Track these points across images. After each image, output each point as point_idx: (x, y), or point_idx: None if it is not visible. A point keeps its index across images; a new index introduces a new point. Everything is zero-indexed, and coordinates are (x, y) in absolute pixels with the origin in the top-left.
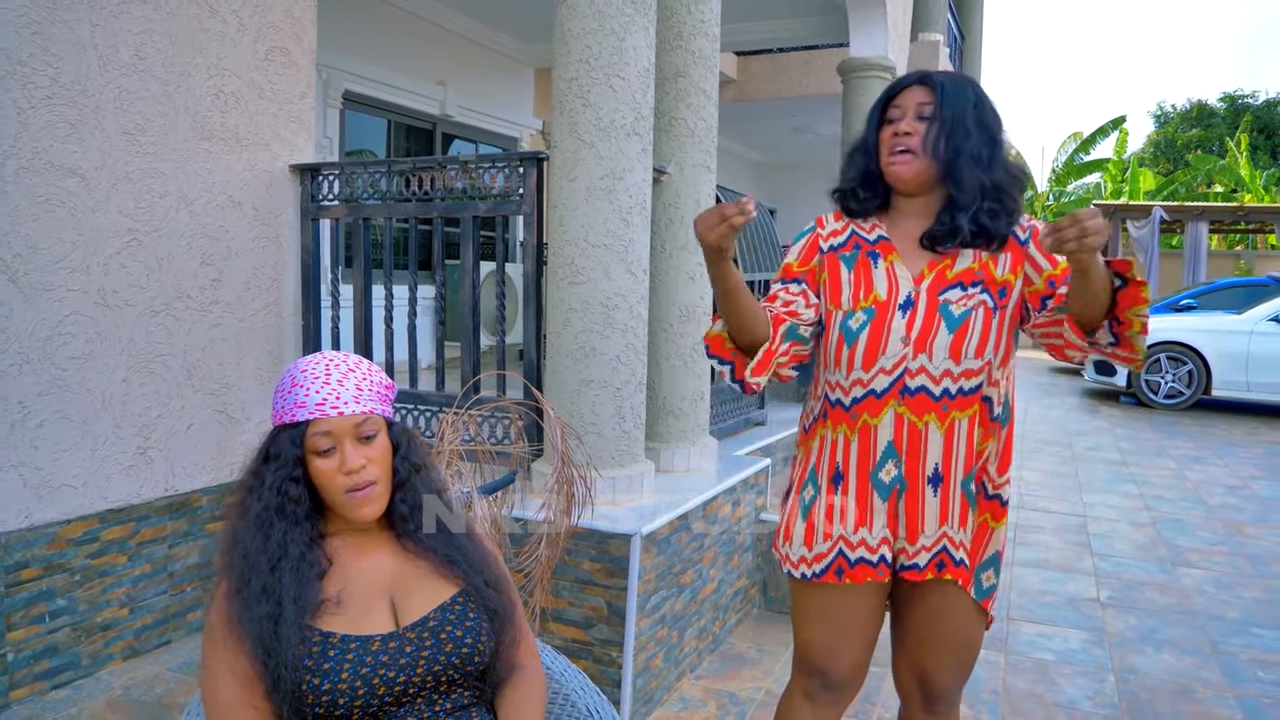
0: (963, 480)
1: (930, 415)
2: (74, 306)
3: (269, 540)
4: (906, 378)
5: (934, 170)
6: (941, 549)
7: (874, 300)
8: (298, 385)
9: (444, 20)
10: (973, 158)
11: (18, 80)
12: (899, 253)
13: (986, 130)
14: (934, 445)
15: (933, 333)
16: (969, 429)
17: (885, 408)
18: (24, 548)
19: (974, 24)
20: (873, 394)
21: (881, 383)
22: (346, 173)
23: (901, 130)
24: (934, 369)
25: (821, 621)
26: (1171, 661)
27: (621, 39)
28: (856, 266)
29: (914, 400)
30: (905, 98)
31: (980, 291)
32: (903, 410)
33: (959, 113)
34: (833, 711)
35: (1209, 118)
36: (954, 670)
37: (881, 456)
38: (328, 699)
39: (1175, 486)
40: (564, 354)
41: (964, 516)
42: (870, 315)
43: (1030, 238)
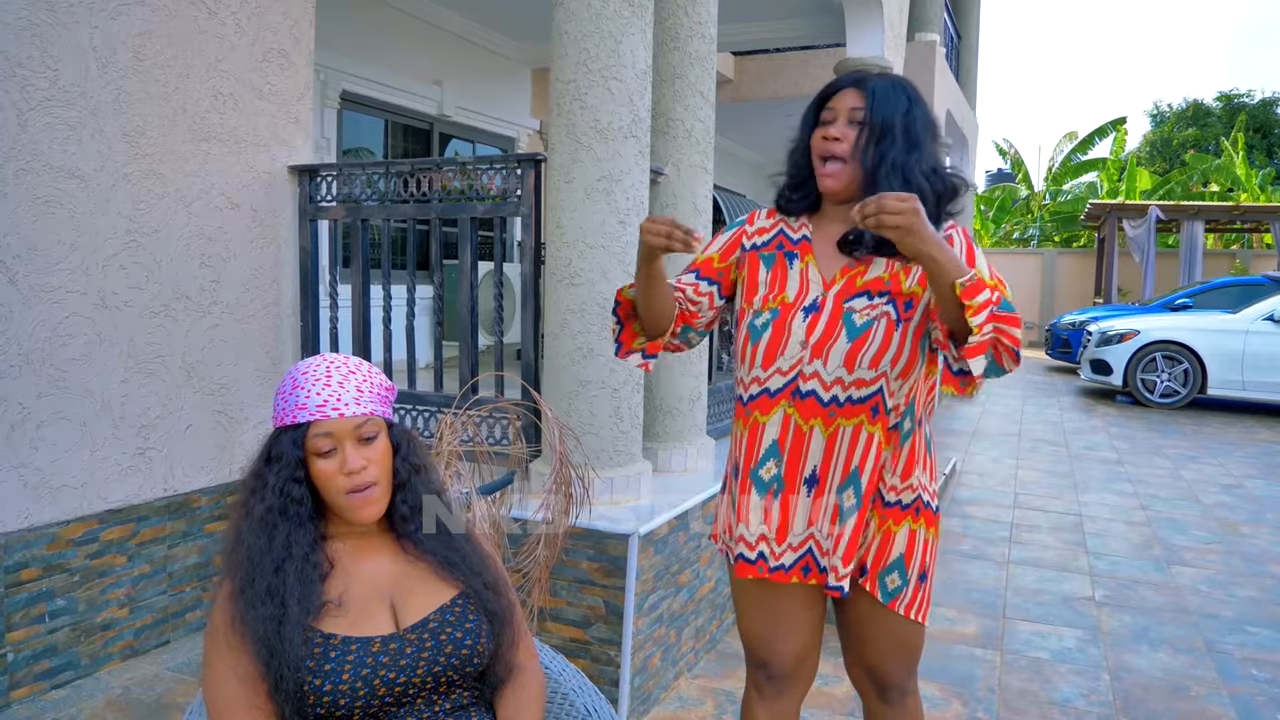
0: (839, 486)
1: (816, 420)
2: (73, 308)
3: (273, 541)
4: (800, 380)
5: (860, 176)
6: (807, 551)
7: (780, 301)
8: (299, 387)
9: (441, 20)
10: (892, 166)
11: (17, 82)
12: (815, 255)
13: (911, 138)
14: (815, 449)
15: (832, 339)
16: (853, 436)
17: (776, 407)
18: (24, 548)
19: (970, 24)
20: (766, 392)
21: (776, 382)
22: (345, 174)
23: (831, 135)
24: (826, 375)
25: (753, 613)
26: (1166, 660)
27: (618, 41)
28: (774, 267)
29: (803, 403)
30: (839, 100)
31: (885, 302)
32: (791, 411)
33: (888, 119)
34: (782, 703)
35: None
36: (896, 662)
37: (764, 454)
38: (329, 699)
39: (1170, 485)
40: (562, 355)
41: (833, 526)
42: (774, 315)
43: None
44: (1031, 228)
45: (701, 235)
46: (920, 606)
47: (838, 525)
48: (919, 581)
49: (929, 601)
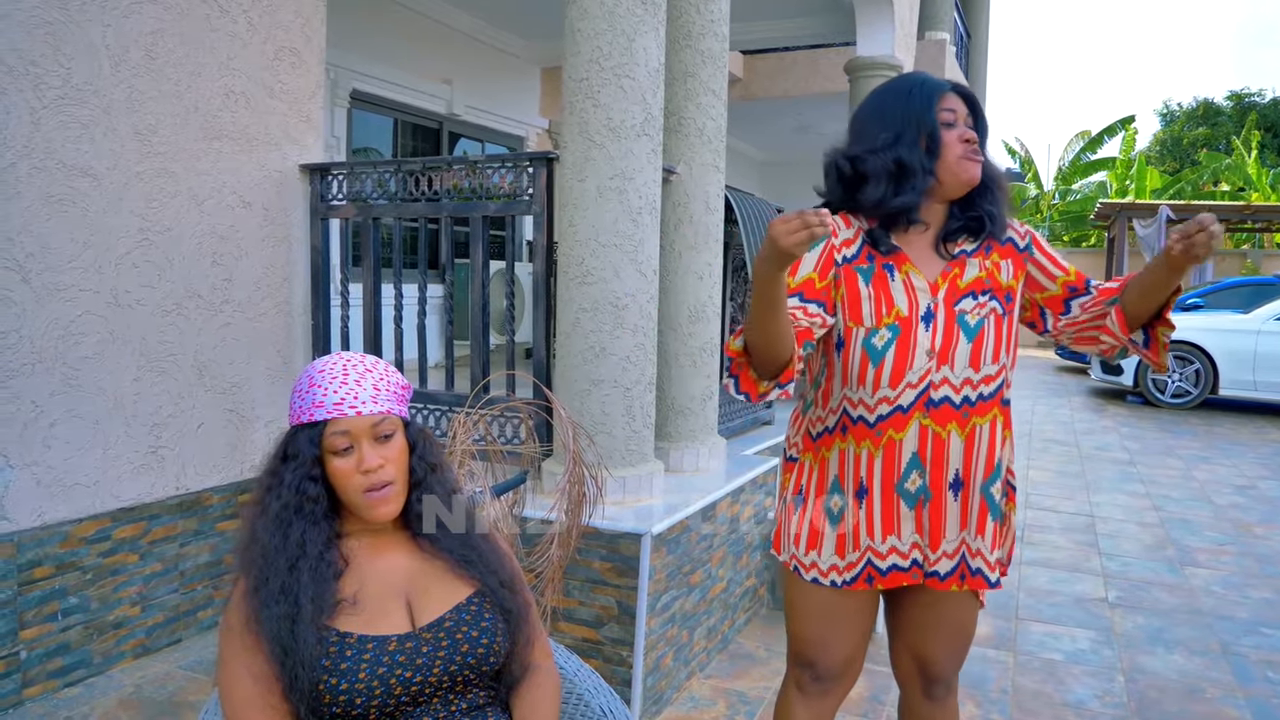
0: (982, 484)
1: (952, 424)
2: (86, 306)
3: (288, 539)
4: (931, 390)
5: None
6: (961, 558)
7: (897, 315)
8: (315, 385)
9: (451, 19)
10: (990, 159)
11: (30, 81)
12: (913, 262)
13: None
14: (955, 452)
15: (953, 344)
16: (989, 433)
17: (910, 421)
18: (36, 546)
19: (980, 23)
20: (899, 409)
21: (908, 397)
22: (356, 173)
23: (971, 136)
24: (955, 379)
25: (817, 618)
26: (1180, 662)
27: (631, 39)
28: (874, 280)
29: (938, 411)
30: (955, 103)
31: (990, 299)
32: (927, 422)
33: (985, 118)
34: (823, 703)
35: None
36: (951, 654)
37: (906, 468)
38: (345, 699)
39: (1182, 486)
40: (574, 354)
41: (982, 522)
42: (895, 332)
43: (1031, 244)
44: (1041, 227)
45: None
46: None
47: (990, 521)
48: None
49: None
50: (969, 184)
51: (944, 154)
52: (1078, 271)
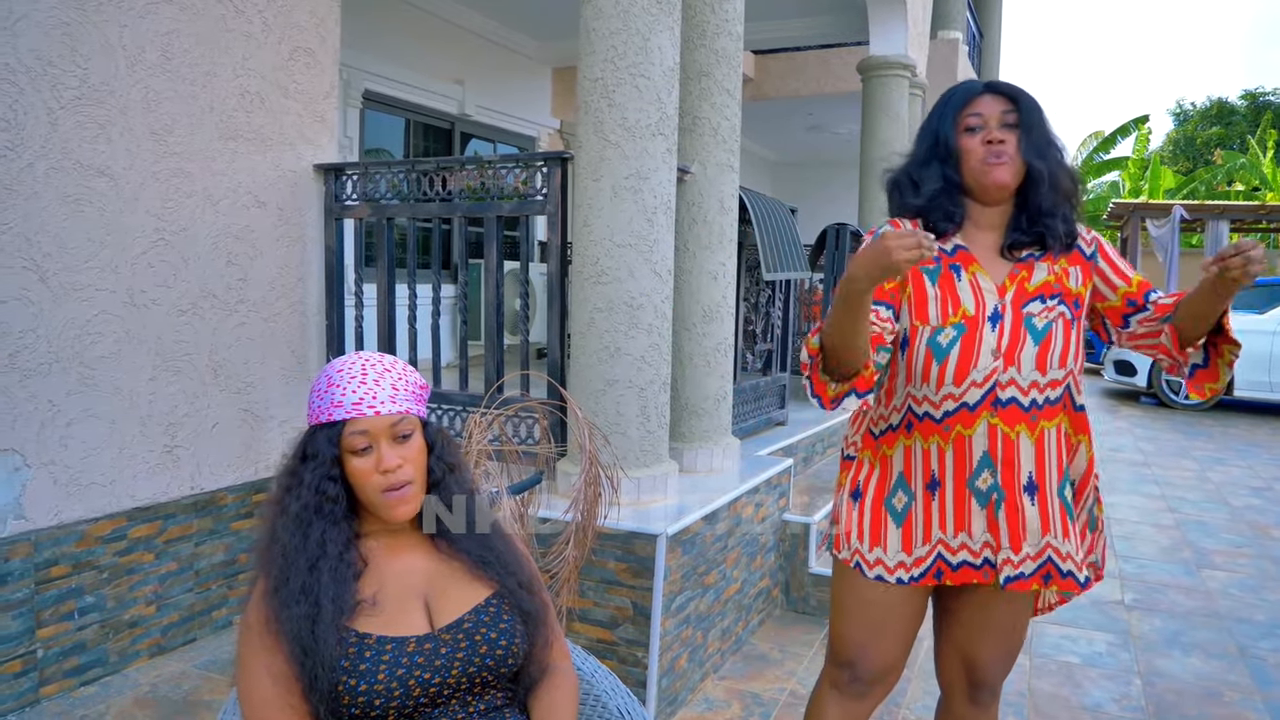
0: (1058, 488)
1: (1021, 425)
2: (102, 306)
3: (308, 539)
4: (998, 390)
5: (1020, 178)
6: (1047, 559)
7: (963, 315)
8: (334, 385)
9: (462, 20)
10: (1058, 164)
11: (48, 81)
12: (980, 263)
13: (1056, 139)
14: (1026, 455)
15: (1020, 345)
16: (1057, 438)
17: (979, 419)
18: (53, 545)
19: (993, 22)
20: (965, 406)
21: (974, 395)
22: (370, 173)
23: (996, 138)
24: (1023, 381)
25: (868, 619)
26: (1198, 665)
27: (646, 38)
28: (940, 280)
29: (1006, 412)
30: (984, 106)
31: (1059, 304)
32: (995, 421)
33: (1039, 120)
34: (859, 705)
35: (1229, 115)
36: (1000, 658)
37: (978, 466)
38: (364, 700)
39: (1198, 488)
40: (589, 354)
41: (1065, 526)
42: (960, 330)
43: (1096, 251)
44: None
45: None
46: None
47: (1071, 524)
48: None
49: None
50: (996, 187)
51: (966, 160)
52: (1141, 281)
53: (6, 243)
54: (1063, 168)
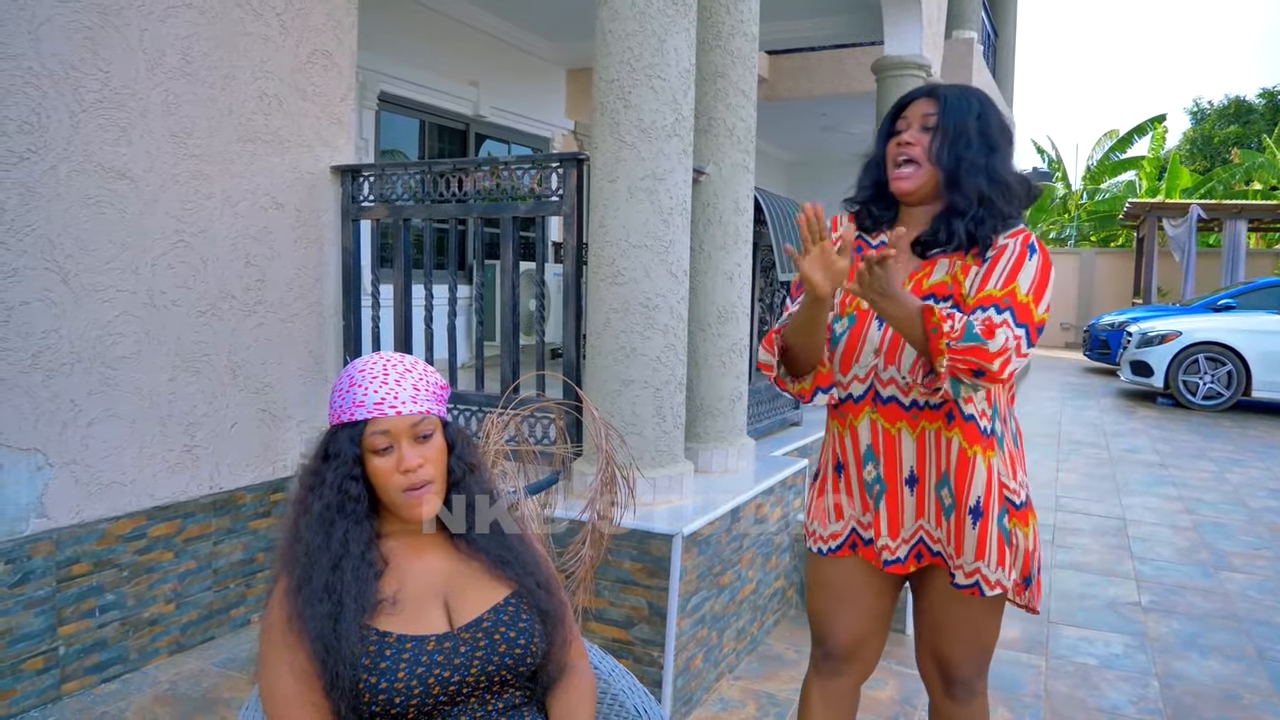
0: (936, 484)
1: (902, 423)
2: (123, 307)
3: (331, 538)
4: (878, 386)
5: (937, 179)
6: (919, 540)
7: (856, 307)
8: (356, 385)
9: (477, 21)
10: (972, 166)
11: (70, 84)
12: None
13: (988, 141)
14: (907, 451)
15: (901, 344)
16: (936, 439)
17: (862, 412)
18: (74, 544)
19: (1007, 22)
20: (851, 398)
21: (857, 389)
22: (386, 174)
23: (904, 141)
24: (901, 380)
25: (822, 592)
26: (1216, 667)
27: (662, 40)
28: (851, 270)
29: (886, 409)
30: (911, 110)
31: (950, 306)
32: (876, 417)
33: (960, 122)
34: (837, 683)
35: (1247, 114)
36: (968, 655)
37: (864, 457)
38: (384, 698)
39: (1215, 489)
40: (604, 354)
41: (939, 517)
42: (851, 322)
43: (994, 255)
44: (1069, 227)
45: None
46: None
47: (944, 521)
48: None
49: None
50: (899, 194)
51: (887, 166)
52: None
53: (30, 245)
54: (978, 170)
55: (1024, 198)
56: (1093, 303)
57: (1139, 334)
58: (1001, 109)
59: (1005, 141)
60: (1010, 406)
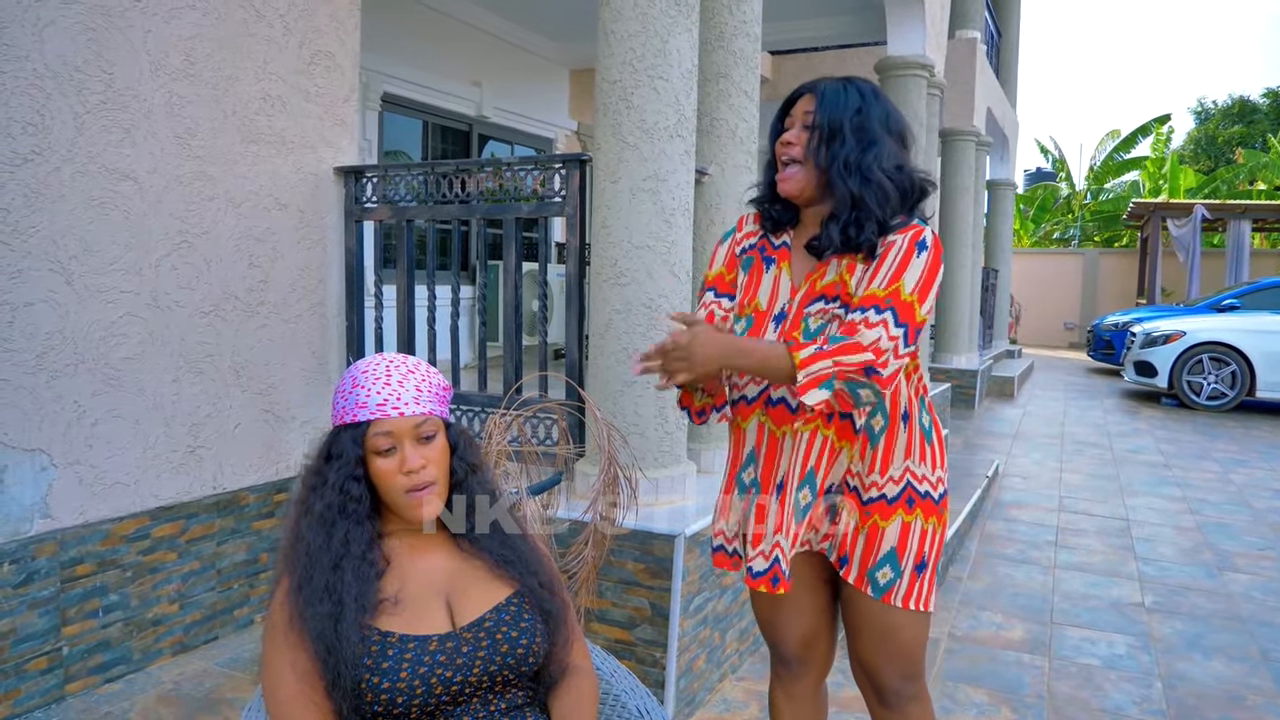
0: (796, 486)
1: (787, 426)
2: (127, 308)
3: (332, 539)
4: (771, 388)
5: (818, 177)
6: (775, 561)
7: (754, 309)
8: (359, 386)
9: (480, 22)
10: (844, 165)
11: (74, 86)
12: (791, 262)
13: (866, 136)
14: (785, 455)
15: None
16: (809, 439)
17: (752, 414)
18: (78, 544)
19: (1011, 21)
20: (744, 399)
21: (751, 390)
22: (389, 175)
23: (786, 140)
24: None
25: (758, 597)
26: (1220, 668)
27: (665, 41)
28: (751, 270)
29: (775, 411)
30: (796, 107)
31: (837, 306)
32: (764, 420)
33: (835, 119)
34: (798, 686)
35: (1251, 114)
36: (887, 661)
37: (746, 459)
38: (386, 697)
39: (1219, 490)
40: (607, 355)
41: (791, 525)
42: (749, 324)
43: (884, 250)
44: (1072, 227)
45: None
46: (919, 595)
47: (794, 524)
48: (915, 572)
49: (929, 590)
50: (785, 195)
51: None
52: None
53: (34, 246)
54: (851, 170)
55: (907, 196)
56: (1097, 303)
57: (1143, 334)
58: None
59: (889, 135)
60: (919, 404)
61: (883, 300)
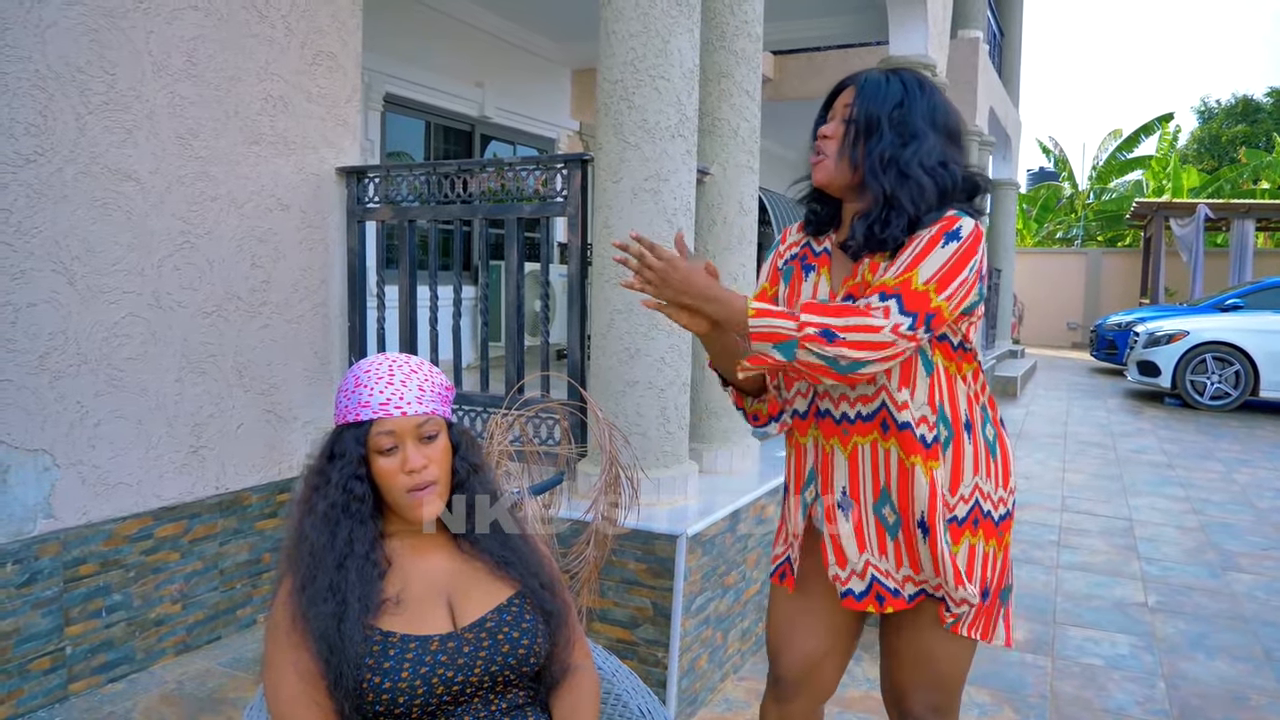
0: (874, 505)
1: (834, 439)
2: (130, 308)
3: (335, 538)
4: (818, 400)
5: (851, 173)
6: (872, 580)
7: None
8: (361, 385)
9: (482, 22)
10: (880, 160)
11: (76, 87)
12: (831, 267)
13: (907, 130)
14: (839, 469)
15: None
16: (871, 454)
17: (808, 429)
18: (81, 544)
19: (1014, 21)
20: (797, 414)
21: (800, 404)
22: (391, 175)
23: (823, 134)
24: (834, 392)
25: (774, 613)
26: (1223, 668)
27: (666, 41)
28: (792, 280)
29: (824, 423)
30: (840, 99)
31: None
32: (817, 434)
33: (873, 113)
34: (790, 708)
35: (1255, 113)
36: (924, 689)
37: (808, 477)
38: (388, 697)
39: (1223, 489)
40: (609, 355)
41: (882, 544)
42: None
43: (909, 240)
44: (1075, 227)
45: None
46: (983, 625)
47: (888, 542)
48: (981, 600)
49: (997, 619)
50: (819, 186)
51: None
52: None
53: (36, 246)
54: (887, 165)
55: (947, 194)
56: (1100, 303)
57: (1146, 334)
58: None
59: (934, 130)
60: (981, 412)
61: (891, 288)
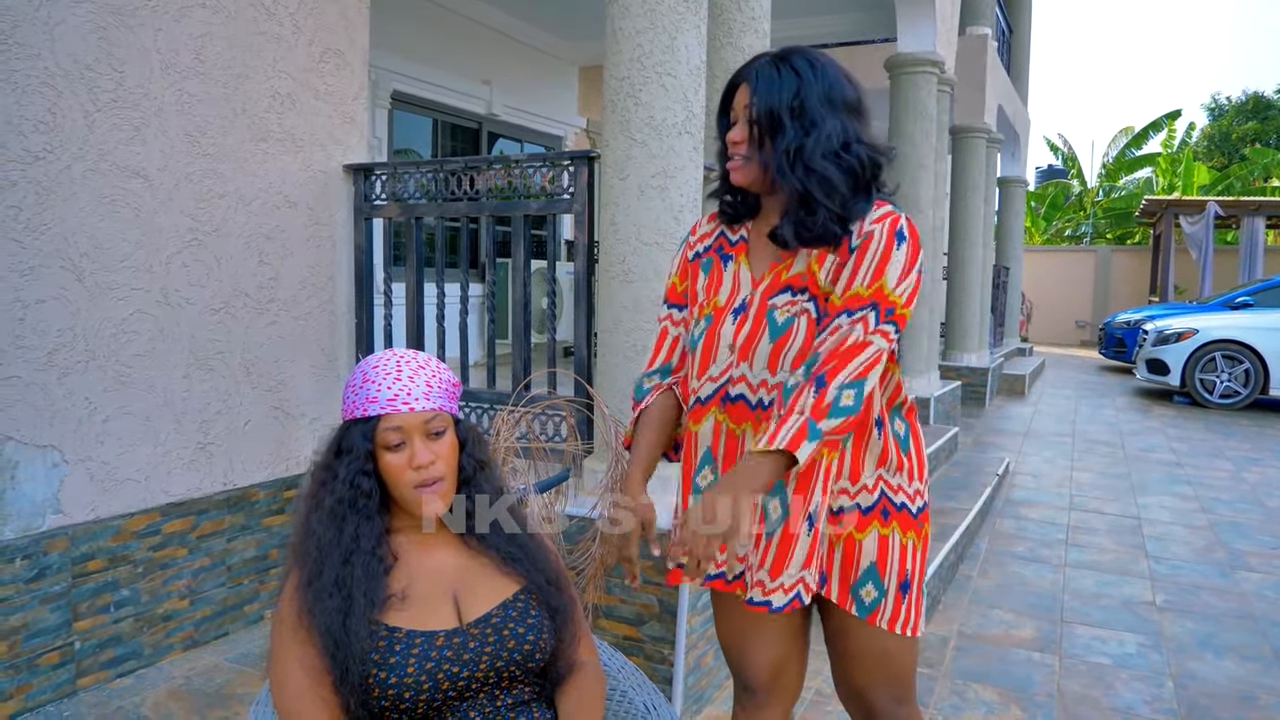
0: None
1: (747, 424)
2: (138, 305)
3: (342, 533)
4: (729, 385)
5: (765, 174)
6: (796, 594)
7: (714, 306)
8: (369, 381)
9: (489, 20)
10: (786, 157)
11: (85, 84)
12: (749, 255)
13: (806, 118)
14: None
15: (756, 340)
16: None
17: (707, 414)
18: (89, 540)
19: (1022, 17)
20: (699, 401)
21: (707, 389)
22: (398, 173)
23: (732, 139)
24: (753, 378)
25: (723, 621)
26: (1232, 667)
27: (673, 37)
28: (711, 271)
29: (734, 408)
30: (736, 99)
31: (806, 299)
32: (722, 418)
33: (773, 109)
34: (763, 715)
35: (1265, 110)
36: (879, 683)
37: (700, 462)
38: (394, 693)
39: (1232, 488)
40: (615, 351)
41: (761, 528)
42: (709, 322)
43: (860, 244)
44: (1084, 225)
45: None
46: (905, 619)
47: (764, 535)
48: (900, 592)
49: (918, 615)
50: (739, 185)
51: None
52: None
53: (45, 243)
54: (794, 161)
55: (858, 178)
56: (1109, 300)
57: (1155, 332)
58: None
59: (833, 111)
60: (894, 405)
61: (867, 300)
